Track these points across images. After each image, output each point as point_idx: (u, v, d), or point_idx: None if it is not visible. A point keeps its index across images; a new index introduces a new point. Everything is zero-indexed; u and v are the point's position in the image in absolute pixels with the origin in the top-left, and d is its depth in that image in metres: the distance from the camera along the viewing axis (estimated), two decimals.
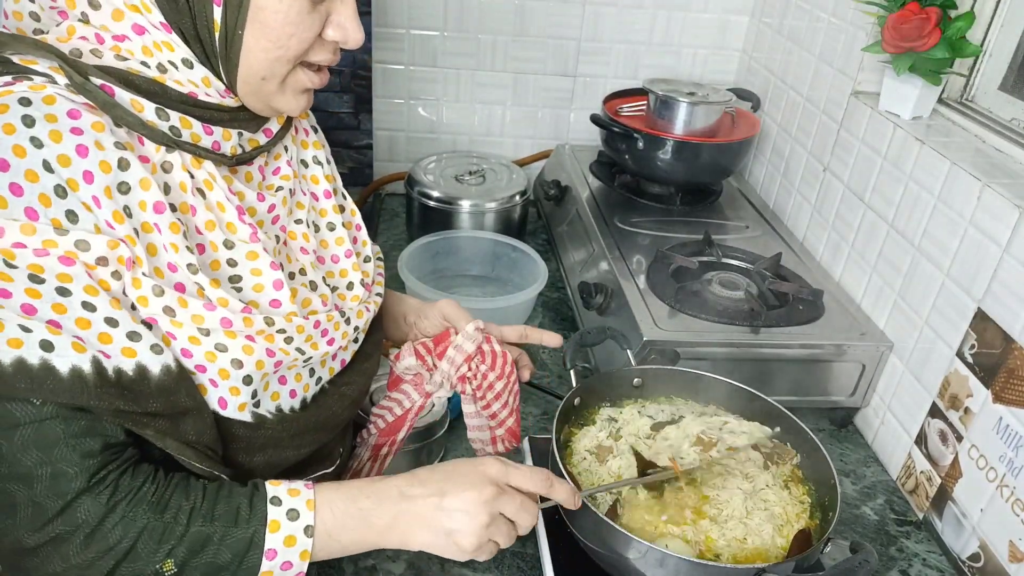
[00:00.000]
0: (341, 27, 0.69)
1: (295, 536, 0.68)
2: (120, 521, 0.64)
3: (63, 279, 0.59)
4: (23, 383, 0.58)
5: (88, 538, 0.63)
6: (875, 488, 1.10)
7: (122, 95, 0.63)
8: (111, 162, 0.61)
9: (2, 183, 0.58)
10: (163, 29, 0.64)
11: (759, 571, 0.75)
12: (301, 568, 0.69)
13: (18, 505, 0.61)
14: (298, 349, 0.73)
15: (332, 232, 0.84)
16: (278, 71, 0.68)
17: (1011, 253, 0.92)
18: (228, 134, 0.70)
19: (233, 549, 0.66)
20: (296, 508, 0.69)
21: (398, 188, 1.71)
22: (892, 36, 1.12)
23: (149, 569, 0.64)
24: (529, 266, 1.38)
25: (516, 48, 1.68)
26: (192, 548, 0.65)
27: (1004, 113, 1.12)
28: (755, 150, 1.64)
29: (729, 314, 1.16)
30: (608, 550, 0.80)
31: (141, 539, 0.64)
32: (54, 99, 0.59)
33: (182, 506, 0.66)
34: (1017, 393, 0.90)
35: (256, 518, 0.67)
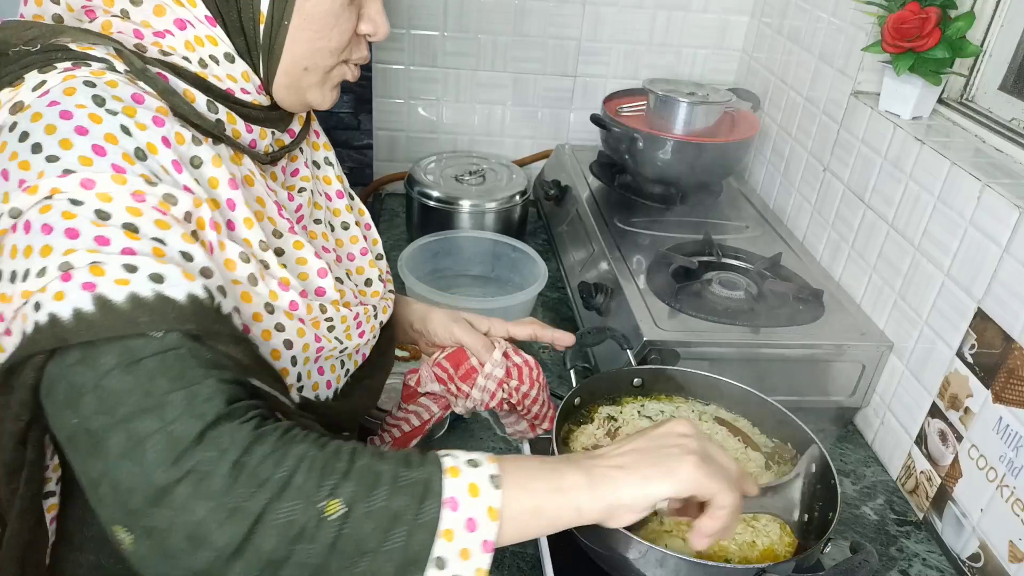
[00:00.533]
0: (372, 20, 0.72)
1: (478, 485, 0.56)
2: (272, 453, 0.54)
3: (160, 226, 0.57)
4: (144, 316, 0.54)
5: (235, 468, 0.52)
6: (875, 488, 1.10)
7: (176, 83, 0.64)
8: (184, 135, 0.61)
9: (84, 145, 0.57)
10: (207, 23, 0.64)
11: (759, 571, 0.75)
12: (489, 532, 0.56)
13: (146, 441, 0.52)
14: (337, 339, 0.74)
15: (347, 231, 0.86)
16: (320, 63, 0.70)
17: (1011, 253, 0.92)
18: (264, 133, 0.72)
19: (409, 492, 0.55)
20: (475, 459, 0.58)
21: (398, 188, 1.71)
22: (892, 36, 1.12)
23: (310, 511, 0.53)
24: (529, 266, 1.38)
25: (516, 48, 1.68)
26: (361, 485, 0.54)
27: (1004, 113, 1.12)
28: (755, 150, 1.64)
29: (729, 314, 1.16)
30: (608, 550, 0.80)
31: (299, 471, 0.54)
32: (116, 84, 0.60)
33: (343, 446, 0.57)
34: (1017, 393, 0.90)
35: (430, 462, 0.57)
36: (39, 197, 0.55)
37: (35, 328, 0.54)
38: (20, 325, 0.55)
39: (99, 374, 0.54)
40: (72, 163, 0.56)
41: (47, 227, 0.55)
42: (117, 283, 0.54)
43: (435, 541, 0.54)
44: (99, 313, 0.54)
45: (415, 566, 0.54)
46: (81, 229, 0.55)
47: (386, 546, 0.53)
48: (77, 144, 0.57)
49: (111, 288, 0.54)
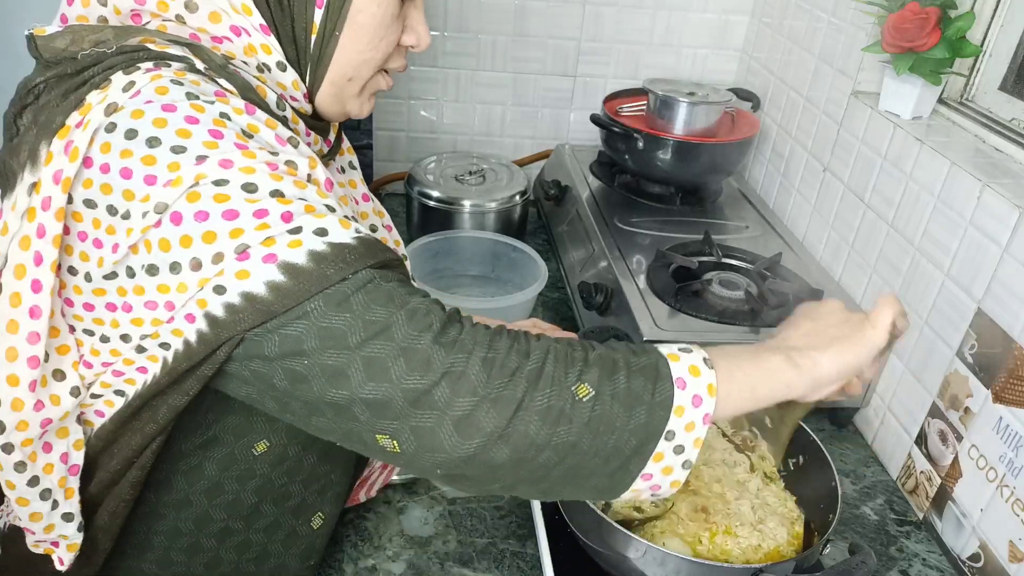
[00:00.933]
0: (415, 31, 0.73)
1: (697, 367, 0.61)
2: (511, 347, 0.58)
3: (299, 186, 0.59)
4: (330, 268, 0.57)
5: (485, 363, 0.57)
6: (875, 488, 1.10)
7: (249, 79, 0.65)
8: (275, 121, 0.63)
9: (201, 132, 0.57)
10: (262, 31, 0.65)
11: (757, 571, 0.75)
12: (710, 406, 0.61)
13: (387, 360, 0.56)
14: None
15: (376, 233, 0.87)
16: (364, 73, 0.71)
17: (1011, 253, 0.92)
18: (316, 139, 0.74)
19: (644, 375, 0.60)
20: (685, 346, 0.63)
21: (398, 188, 1.71)
22: (892, 36, 1.12)
23: (565, 395, 0.57)
24: (529, 266, 1.38)
25: (516, 48, 1.68)
26: (604, 369, 0.59)
27: (1004, 113, 1.12)
28: (755, 150, 1.64)
29: (729, 314, 1.16)
30: (608, 549, 0.80)
31: (548, 361, 0.58)
32: (199, 82, 0.61)
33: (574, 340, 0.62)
34: (1017, 393, 0.90)
35: (651, 351, 0.62)
36: (184, 187, 0.56)
37: (228, 309, 0.56)
38: (195, 311, 0.57)
39: (316, 320, 0.56)
40: (200, 149, 0.57)
41: (202, 214, 0.56)
42: (291, 247, 0.56)
43: (670, 416, 0.59)
44: (290, 279, 0.56)
45: (652, 439, 0.59)
46: (239, 209, 0.56)
47: (631, 423, 0.58)
48: (195, 132, 0.57)
49: (289, 253, 0.56)
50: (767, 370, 0.65)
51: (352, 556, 0.91)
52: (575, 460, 0.58)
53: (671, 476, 0.61)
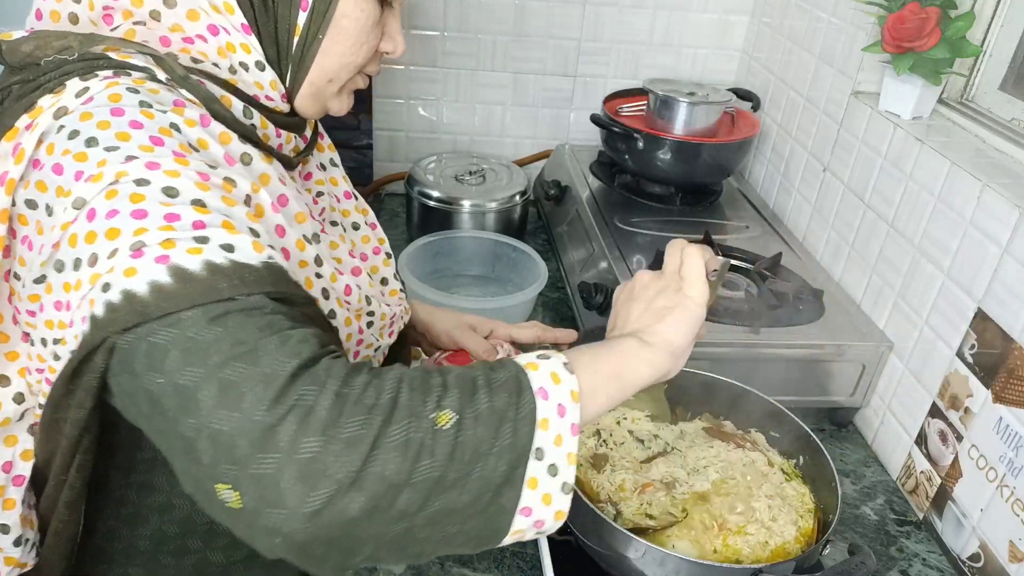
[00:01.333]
0: (393, 39, 0.74)
1: (557, 373, 0.58)
2: (371, 381, 0.53)
3: (227, 203, 0.56)
4: (223, 282, 0.53)
5: (339, 398, 0.51)
6: (875, 488, 1.10)
7: (214, 89, 0.65)
8: (230, 134, 0.63)
9: (141, 137, 0.56)
10: (243, 31, 0.65)
11: (756, 571, 0.75)
12: (575, 415, 0.57)
13: (241, 384, 0.50)
14: (374, 335, 0.76)
15: (357, 231, 0.87)
16: (343, 76, 0.72)
17: (1011, 253, 0.92)
18: (289, 137, 0.74)
19: (506, 390, 0.55)
20: (543, 353, 0.60)
21: (398, 188, 1.71)
22: (892, 36, 1.12)
23: (423, 425, 0.52)
24: (529, 266, 1.38)
25: (516, 48, 1.68)
26: (464, 391, 0.54)
27: (1004, 113, 1.12)
28: (755, 150, 1.64)
29: (729, 314, 1.16)
30: (608, 549, 0.80)
31: (402, 390, 0.53)
32: (158, 91, 0.60)
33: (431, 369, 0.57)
34: (1017, 393, 0.90)
35: (511, 364, 0.58)
36: (104, 183, 0.54)
37: (108, 308, 0.52)
38: (86, 311, 0.53)
39: (185, 330, 0.51)
40: (134, 150, 0.55)
41: (113, 212, 0.53)
42: (190, 253, 0.53)
43: (536, 432, 0.55)
44: (177, 283, 0.52)
45: (522, 460, 0.54)
46: (150, 210, 0.53)
47: (497, 445, 0.54)
48: (135, 136, 0.56)
49: (184, 258, 0.52)
50: (627, 357, 0.64)
51: None
52: (442, 501, 0.52)
53: (552, 506, 0.56)
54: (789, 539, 0.83)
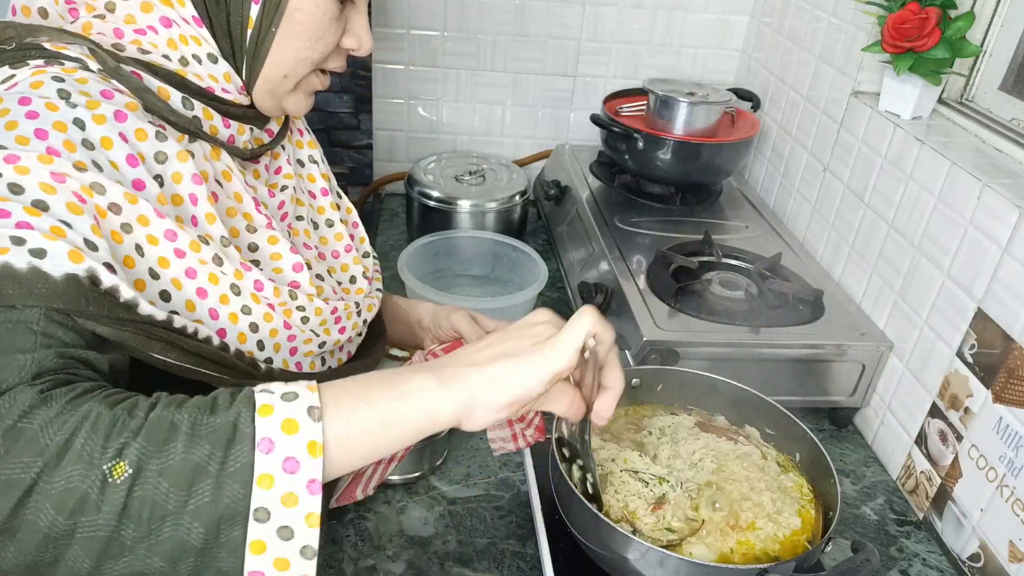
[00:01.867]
0: (357, 35, 0.73)
1: (296, 420, 0.50)
2: (56, 416, 0.48)
3: (72, 209, 0.54)
4: (10, 287, 0.51)
5: (10, 434, 0.46)
6: (875, 488, 1.10)
7: (151, 81, 0.65)
8: (148, 131, 0.62)
9: (27, 128, 0.56)
10: (194, 23, 0.66)
11: (761, 571, 0.75)
12: (313, 470, 0.49)
13: None
14: (312, 331, 0.74)
15: (331, 228, 0.86)
16: (299, 71, 0.71)
17: (1011, 253, 0.92)
18: (242, 129, 0.73)
19: (211, 439, 0.48)
20: (293, 391, 0.52)
21: (398, 188, 1.71)
22: (892, 36, 1.12)
23: (92, 475, 0.46)
24: (529, 266, 1.38)
25: (516, 48, 1.68)
26: (152, 440, 0.48)
27: (1004, 113, 1.12)
28: (755, 150, 1.64)
29: (729, 314, 1.16)
30: (608, 550, 0.80)
31: (81, 431, 0.47)
32: (87, 80, 0.60)
33: (140, 402, 0.51)
34: (1017, 393, 0.90)
35: (239, 402, 0.51)
36: None
37: None
38: None
39: None
40: (7, 141, 0.55)
41: None
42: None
43: (252, 490, 0.48)
44: None
45: (232, 521, 0.48)
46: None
47: (190, 505, 0.47)
48: (22, 126, 0.56)
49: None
50: (404, 396, 0.55)
51: (352, 556, 0.91)
52: (127, 564, 0.47)
53: (292, 571, 0.49)
54: (796, 528, 0.83)
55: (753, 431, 0.99)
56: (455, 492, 1.02)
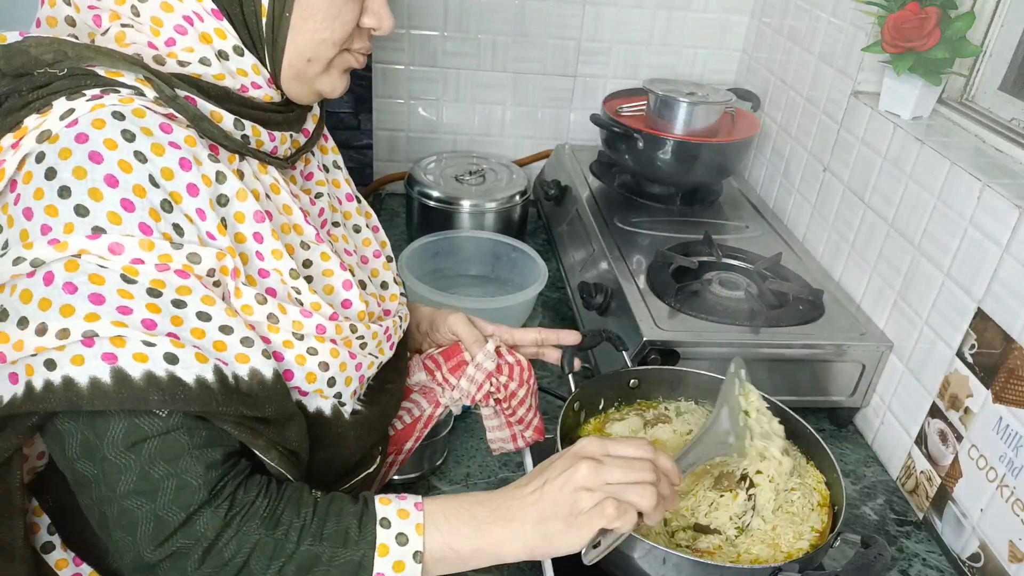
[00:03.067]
0: (376, 14, 0.72)
1: (404, 562, 0.66)
2: (235, 536, 0.63)
3: (181, 292, 0.60)
4: (155, 395, 0.59)
5: (205, 553, 0.62)
6: (875, 488, 1.10)
7: (204, 106, 0.65)
8: (210, 175, 0.63)
9: (113, 199, 0.58)
10: (214, 16, 0.65)
11: (775, 570, 0.75)
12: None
13: (139, 520, 0.61)
14: (372, 355, 0.76)
15: (359, 234, 0.87)
16: (323, 54, 0.70)
17: (1011, 253, 0.92)
18: (284, 138, 0.73)
19: (342, 570, 0.64)
20: (405, 532, 0.67)
21: (398, 188, 1.71)
22: (892, 36, 1.12)
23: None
24: (529, 266, 1.38)
25: (516, 48, 1.68)
26: (301, 567, 0.64)
27: (1004, 113, 1.12)
28: (755, 150, 1.64)
29: (729, 314, 1.16)
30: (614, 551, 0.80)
31: (254, 555, 0.63)
32: (144, 113, 0.60)
33: (293, 523, 0.65)
34: (1017, 393, 0.90)
35: (365, 541, 0.65)
36: (67, 254, 0.57)
37: (46, 386, 0.57)
38: (25, 376, 0.58)
39: (105, 444, 0.59)
40: (102, 220, 0.58)
41: (71, 286, 0.57)
42: (135, 359, 0.58)
43: None
44: (115, 386, 0.58)
45: None
46: (107, 295, 0.58)
47: None
48: (107, 197, 0.58)
49: (130, 363, 0.58)
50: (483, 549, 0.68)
51: None
52: None
53: None
54: (816, 525, 0.84)
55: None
56: (455, 492, 1.02)
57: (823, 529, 0.85)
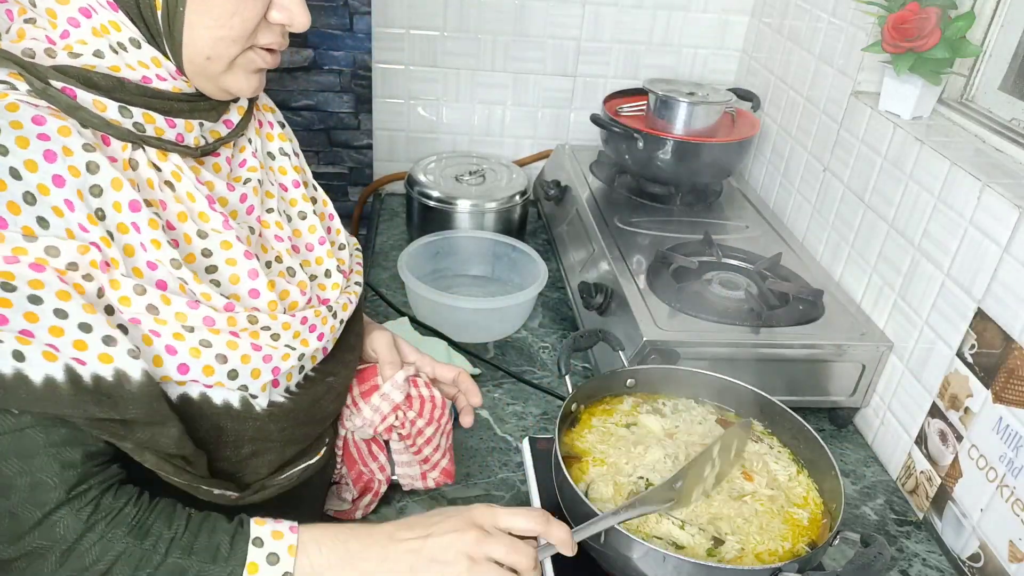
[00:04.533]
0: (285, 8, 0.68)
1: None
2: (98, 541, 0.63)
3: (34, 286, 0.59)
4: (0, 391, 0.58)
5: (64, 555, 0.62)
6: (875, 488, 1.10)
7: (84, 96, 0.63)
8: (79, 166, 0.61)
9: None
10: (109, 8, 0.63)
11: (775, 571, 0.75)
12: None
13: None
14: (288, 346, 0.73)
15: (304, 221, 0.84)
16: (223, 52, 0.67)
17: (1011, 253, 0.92)
18: (190, 126, 0.70)
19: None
20: (277, 552, 0.67)
21: (398, 188, 1.71)
22: (892, 36, 1.12)
23: None
24: (529, 266, 1.38)
25: (516, 48, 1.68)
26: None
27: (1004, 113, 1.12)
28: (755, 150, 1.64)
29: (729, 314, 1.16)
30: (612, 550, 0.80)
31: (118, 563, 0.63)
32: (17, 106, 0.60)
33: (163, 534, 0.66)
34: (1017, 393, 0.90)
35: (236, 558, 0.66)
36: None
37: None
38: None
39: None
40: None
41: None
42: None
43: None
44: None
45: None
46: None
47: None
48: None
49: None
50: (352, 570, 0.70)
51: None
52: None
53: None
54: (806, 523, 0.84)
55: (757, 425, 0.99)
56: (455, 492, 1.02)
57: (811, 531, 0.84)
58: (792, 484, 0.90)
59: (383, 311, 1.36)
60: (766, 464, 0.92)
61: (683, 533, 0.82)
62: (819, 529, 0.85)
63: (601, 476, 0.88)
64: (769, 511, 0.85)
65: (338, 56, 1.66)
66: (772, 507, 0.86)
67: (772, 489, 0.88)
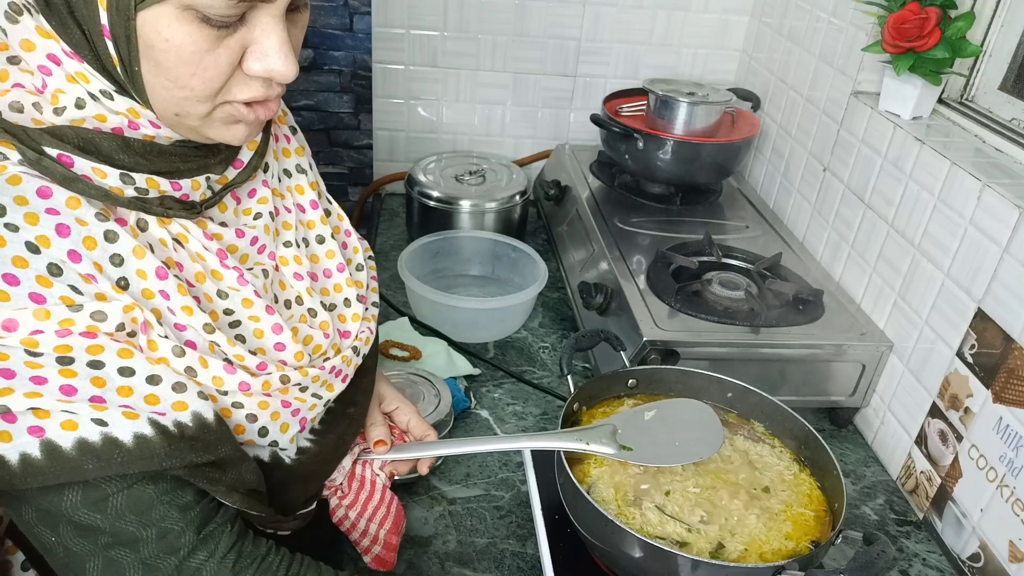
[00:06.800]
0: (263, 57, 0.58)
1: None
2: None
3: (93, 351, 0.56)
4: (91, 463, 0.56)
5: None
6: (875, 488, 1.10)
7: (82, 165, 0.57)
8: (96, 236, 0.57)
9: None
10: (74, 58, 0.57)
11: (777, 569, 0.75)
12: None
13: (127, 570, 0.60)
14: (314, 395, 0.72)
15: (322, 245, 0.80)
16: (191, 109, 0.59)
17: (1011, 253, 0.92)
18: (196, 184, 0.65)
19: None
20: None
21: (398, 188, 1.71)
22: (892, 36, 1.12)
23: None
24: (529, 266, 1.38)
25: (516, 48, 1.68)
26: None
27: (1004, 113, 1.12)
28: (755, 150, 1.64)
29: (729, 314, 1.16)
30: (615, 548, 0.80)
31: None
32: (19, 179, 0.55)
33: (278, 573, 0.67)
34: (1017, 393, 0.90)
35: None
36: None
37: None
38: None
39: (67, 508, 0.58)
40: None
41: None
42: (63, 427, 0.56)
43: None
44: (46, 460, 0.56)
45: None
46: (16, 370, 0.55)
47: None
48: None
49: (58, 433, 0.56)
50: None
51: (352, 556, 0.91)
52: None
53: None
54: (810, 520, 0.84)
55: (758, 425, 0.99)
56: (455, 492, 1.02)
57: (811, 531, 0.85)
58: (794, 483, 0.90)
59: (383, 311, 1.36)
60: (768, 464, 0.92)
61: (687, 532, 0.82)
62: (822, 528, 0.85)
63: (602, 477, 0.88)
64: (771, 510, 0.85)
65: (338, 56, 1.66)
66: (774, 506, 0.86)
67: (774, 488, 0.88)
